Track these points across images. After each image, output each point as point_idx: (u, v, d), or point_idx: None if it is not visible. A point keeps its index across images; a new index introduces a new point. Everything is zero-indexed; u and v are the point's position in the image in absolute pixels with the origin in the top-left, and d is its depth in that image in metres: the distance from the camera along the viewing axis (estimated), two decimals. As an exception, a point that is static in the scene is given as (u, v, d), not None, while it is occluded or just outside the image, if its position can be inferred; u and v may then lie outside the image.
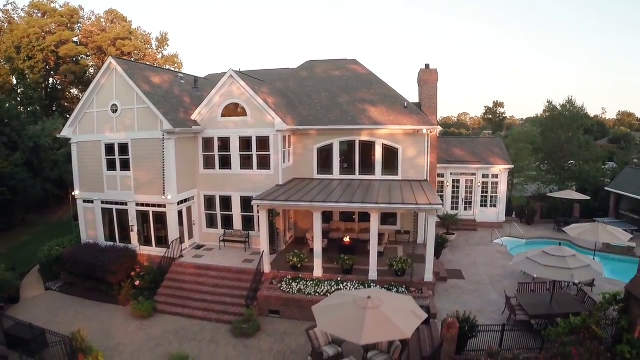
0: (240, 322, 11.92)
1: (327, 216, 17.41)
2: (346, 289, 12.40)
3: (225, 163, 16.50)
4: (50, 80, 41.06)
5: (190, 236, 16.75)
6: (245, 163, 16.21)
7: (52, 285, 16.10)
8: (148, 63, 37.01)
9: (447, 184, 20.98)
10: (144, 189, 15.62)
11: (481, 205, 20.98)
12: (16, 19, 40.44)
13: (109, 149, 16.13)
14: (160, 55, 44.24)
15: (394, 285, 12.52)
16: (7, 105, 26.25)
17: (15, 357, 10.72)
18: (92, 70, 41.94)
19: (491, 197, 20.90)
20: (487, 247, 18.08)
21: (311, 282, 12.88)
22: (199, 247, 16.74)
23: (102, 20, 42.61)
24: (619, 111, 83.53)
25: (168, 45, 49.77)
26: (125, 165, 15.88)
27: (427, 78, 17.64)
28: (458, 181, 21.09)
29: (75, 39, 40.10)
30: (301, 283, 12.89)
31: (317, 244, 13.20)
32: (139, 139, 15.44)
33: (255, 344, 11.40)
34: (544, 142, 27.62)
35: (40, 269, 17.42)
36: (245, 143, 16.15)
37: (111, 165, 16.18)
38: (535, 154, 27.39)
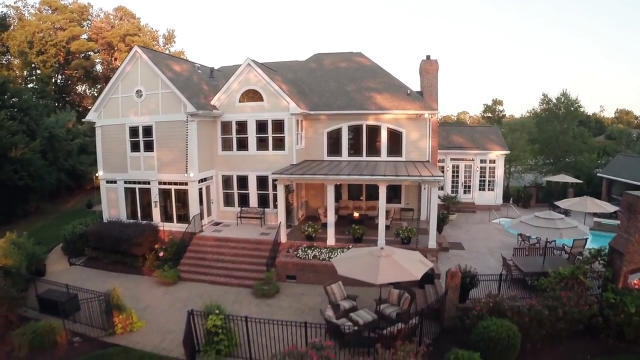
0: (261, 284, 13.06)
1: (336, 196, 18.53)
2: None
3: (242, 145, 17.67)
4: (60, 75, 42.12)
5: (209, 214, 17.88)
6: (261, 145, 17.39)
7: (76, 261, 17.12)
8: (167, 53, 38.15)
9: (447, 168, 22.24)
10: (167, 168, 16.76)
11: (479, 189, 22.26)
12: (26, 15, 41.51)
13: (133, 131, 17.26)
14: (167, 52, 45.39)
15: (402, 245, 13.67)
16: (25, 95, 27.28)
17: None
18: (99, 68, 43.08)
19: (489, 181, 22.17)
20: (485, 225, 19.33)
21: (325, 250, 14.06)
22: (216, 224, 17.87)
23: (111, 17, 43.75)
24: (617, 109, 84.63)
25: (175, 42, 50.95)
26: (148, 147, 17.02)
27: (428, 68, 18.91)
28: (457, 166, 22.35)
29: (84, 36, 41.22)
30: (316, 250, 14.06)
31: (330, 215, 14.39)
32: (163, 121, 16.58)
33: (276, 303, 12.53)
34: (540, 133, 28.91)
35: (63, 247, 18.39)
36: (261, 126, 17.33)
37: (135, 147, 17.31)
38: (532, 145, 28.67)
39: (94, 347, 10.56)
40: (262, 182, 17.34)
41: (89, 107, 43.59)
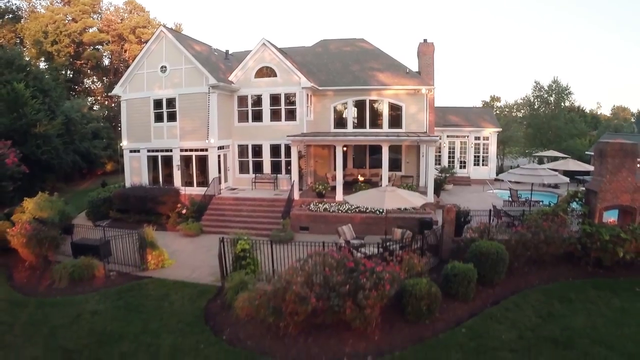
0: (278, 232, 14.64)
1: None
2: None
3: (257, 117, 19.29)
4: (71, 66, 43.54)
5: (225, 180, 19.45)
6: (275, 116, 19.03)
7: (100, 223, 18.55)
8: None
9: (444, 145, 23.94)
10: (189, 136, 18.34)
11: (474, 164, 23.97)
12: (38, 8, 42.98)
13: (157, 103, 18.84)
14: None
15: (403, 208, 15.30)
16: (46, 76, 28.79)
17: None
18: (106, 61, 44.57)
19: (483, 157, 23.88)
20: (480, 194, 21.02)
21: (334, 204, 15.66)
22: (232, 189, 19.42)
23: (121, 10, 45.30)
24: (614, 105, 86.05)
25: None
26: (171, 117, 18.60)
27: (425, 49, 20.66)
28: (453, 143, 24.06)
29: (95, 28, 42.72)
30: (326, 205, 15.66)
31: (339, 174, 16.01)
32: (186, 93, 18.19)
33: (292, 248, 14.10)
34: (531, 118, 30.69)
35: (87, 212, 19.78)
36: (275, 99, 18.97)
37: (158, 118, 18.89)
38: (524, 129, 30.45)
39: (129, 279, 11.93)
40: (275, 150, 18.96)
41: (98, 98, 45.27)
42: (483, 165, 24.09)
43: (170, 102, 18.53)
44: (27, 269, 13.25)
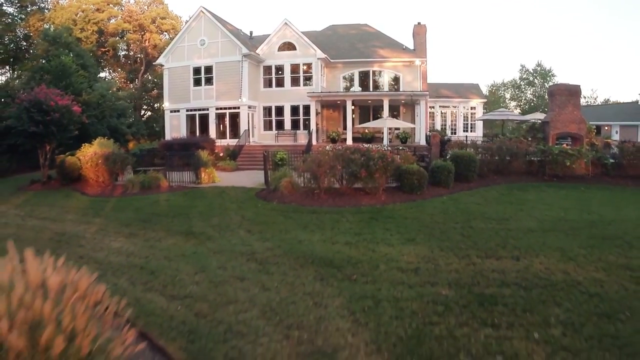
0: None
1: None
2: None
3: (279, 83, 23.05)
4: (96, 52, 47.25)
5: (252, 136, 23.12)
6: (294, 82, 22.80)
7: (148, 169, 22.12)
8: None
9: (437, 114, 27.76)
10: (223, 97, 22.06)
11: (463, 130, 27.75)
12: (62, 0, 46.69)
13: (196, 70, 22.56)
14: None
15: (401, 148, 19.01)
16: (86, 55, 32.51)
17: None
18: (127, 51, 48.33)
19: (471, 124, 27.70)
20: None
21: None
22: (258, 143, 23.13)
23: (142, 2, 49.13)
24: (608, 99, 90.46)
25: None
26: (208, 81, 22.31)
27: (419, 30, 24.58)
28: (445, 113, 27.87)
29: (118, 17, 46.50)
30: (339, 147, 19.34)
31: (349, 124, 19.70)
32: (222, 62, 21.95)
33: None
34: (517, 99, 34.66)
35: (132, 164, 23.26)
36: (294, 68, 22.74)
37: (197, 82, 22.58)
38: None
39: (189, 188, 15.57)
40: (294, 110, 22.74)
41: (119, 85, 48.89)
42: (471, 131, 27.86)
43: (208, 69, 22.27)
44: (99, 187, 16.60)
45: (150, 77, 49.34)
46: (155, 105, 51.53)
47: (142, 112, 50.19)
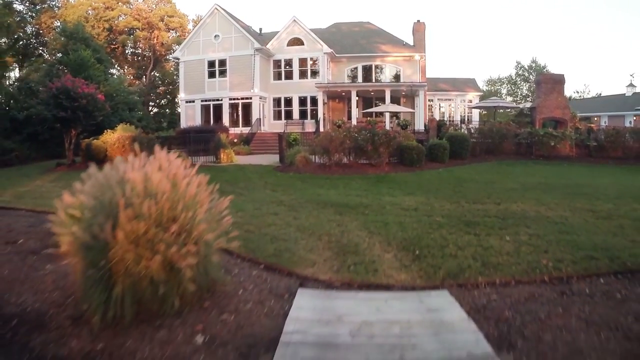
0: (310, 149, 19.82)
1: (352, 111, 25.52)
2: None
3: (288, 76, 24.62)
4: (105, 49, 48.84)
5: (263, 125, 24.67)
6: (302, 75, 24.37)
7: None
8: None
9: (435, 107, 29.35)
10: (236, 88, 23.62)
11: (461, 123, 29.25)
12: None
13: (210, 63, 24.11)
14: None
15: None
16: (101, 50, 34.11)
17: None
18: (135, 48, 49.90)
19: (467, 116, 29.23)
20: (461, 141, 26.38)
21: (350, 133, 20.94)
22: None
23: (150, 1, 50.75)
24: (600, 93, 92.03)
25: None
26: (221, 73, 23.86)
27: (418, 27, 26.17)
28: (443, 106, 29.47)
29: (128, 15, 48.10)
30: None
31: (353, 112, 21.28)
32: (235, 55, 23.52)
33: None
34: (513, 94, 36.28)
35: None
36: (302, 62, 24.32)
37: (211, 75, 24.14)
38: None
39: (209, 167, 17.12)
40: (302, 101, 24.29)
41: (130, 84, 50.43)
42: (468, 123, 29.43)
43: (222, 62, 23.84)
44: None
45: (157, 75, 50.98)
46: (162, 101, 53.20)
47: (150, 107, 51.75)
